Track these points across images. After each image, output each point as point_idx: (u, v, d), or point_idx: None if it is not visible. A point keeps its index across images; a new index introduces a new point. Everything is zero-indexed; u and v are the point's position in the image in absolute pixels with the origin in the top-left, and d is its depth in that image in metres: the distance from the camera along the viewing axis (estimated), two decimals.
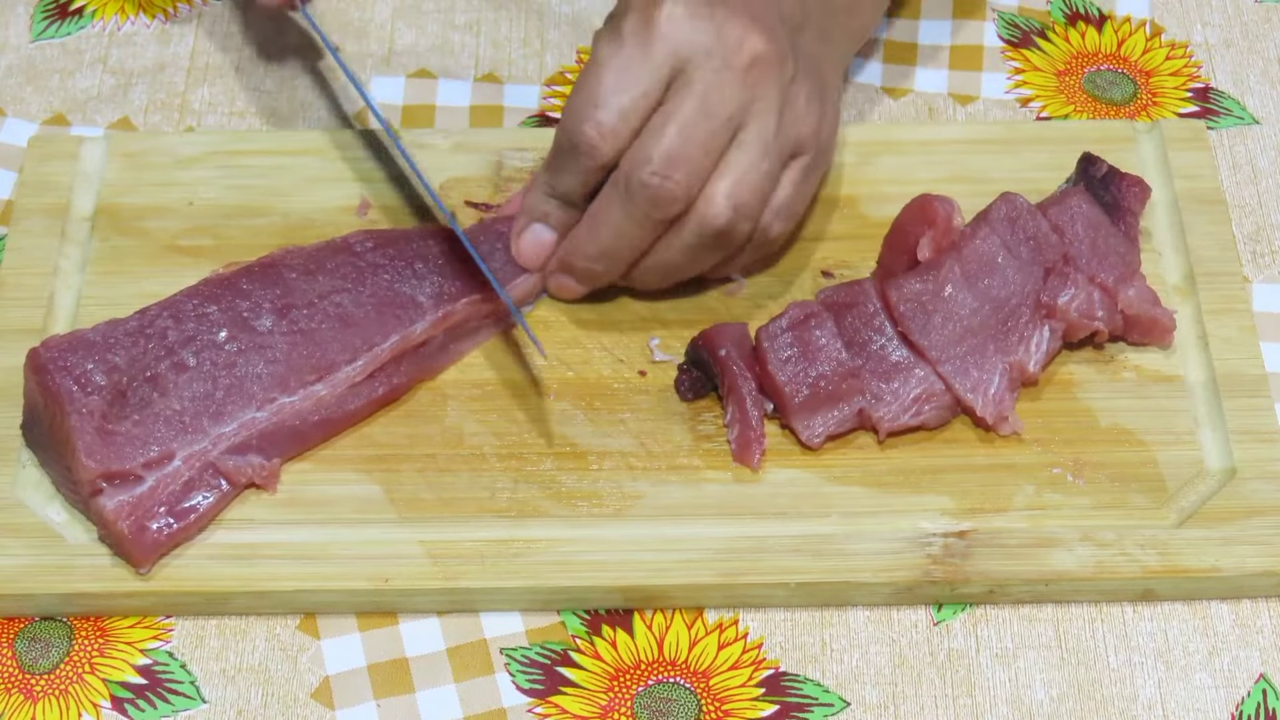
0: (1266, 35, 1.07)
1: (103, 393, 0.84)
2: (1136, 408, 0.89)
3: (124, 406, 0.84)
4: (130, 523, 0.83)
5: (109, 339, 0.86)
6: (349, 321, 0.88)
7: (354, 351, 0.88)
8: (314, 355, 0.87)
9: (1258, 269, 0.96)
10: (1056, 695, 0.82)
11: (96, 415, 0.84)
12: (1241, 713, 0.82)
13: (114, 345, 0.86)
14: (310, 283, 0.89)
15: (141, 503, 0.83)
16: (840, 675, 0.83)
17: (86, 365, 0.84)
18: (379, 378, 0.88)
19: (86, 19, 1.08)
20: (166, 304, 0.88)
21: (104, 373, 0.85)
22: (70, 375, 0.84)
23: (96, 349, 0.85)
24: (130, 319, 0.87)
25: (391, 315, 0.89)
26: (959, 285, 0.88)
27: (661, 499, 0.87)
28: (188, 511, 0.84)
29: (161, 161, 0.99)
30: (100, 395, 0.84)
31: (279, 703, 0.83)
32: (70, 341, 0.85)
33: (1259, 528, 0.85)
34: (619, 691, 0.83)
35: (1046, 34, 1.07)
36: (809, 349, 0.87)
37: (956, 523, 0.85)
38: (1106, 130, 1.00)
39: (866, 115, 1.03)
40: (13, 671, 0.84)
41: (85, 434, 0.83)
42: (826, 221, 0.96)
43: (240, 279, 0.89)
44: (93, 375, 0.84)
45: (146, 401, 0.85)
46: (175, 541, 0.84)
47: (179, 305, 0.88)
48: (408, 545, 0.85)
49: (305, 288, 0.89)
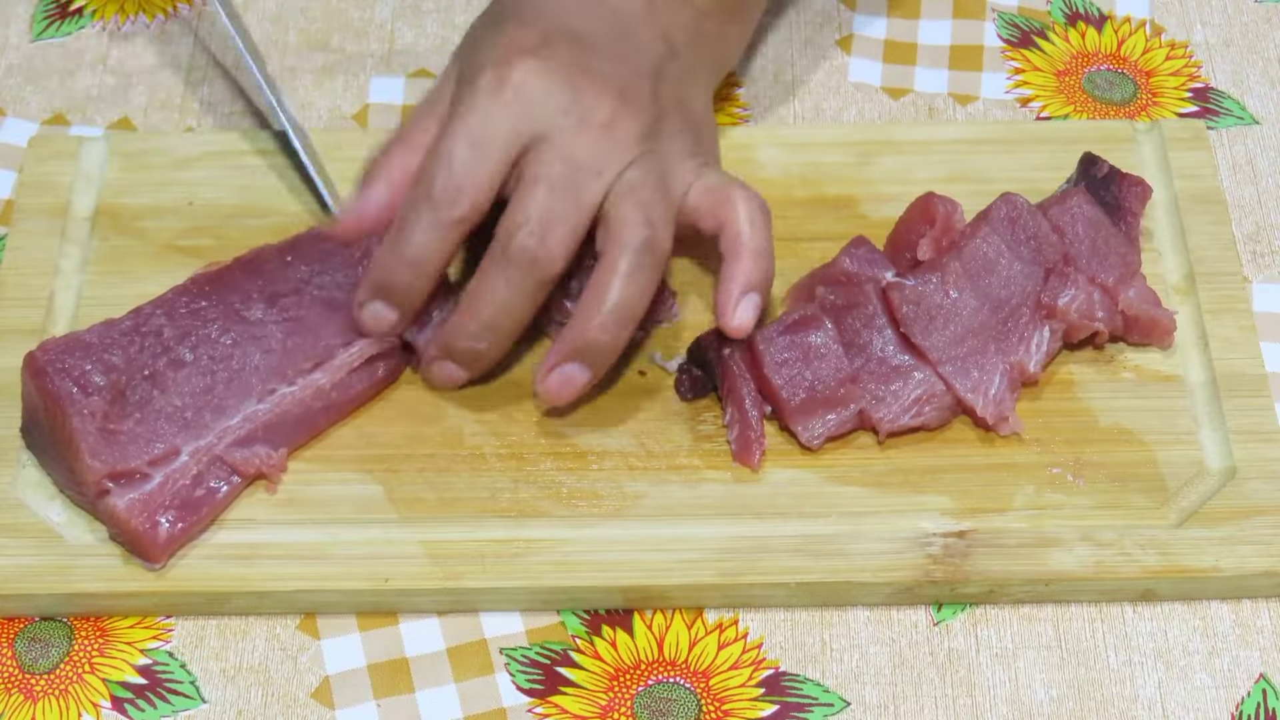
0: (1266, 35, 1.07)
1: (102, 393, 0.84)
2: (1136, 408, 0.89)
3: (125, 405, 0.84)
4: (143, 520, 0.83)
5: (105, 339, 0.86)
6: (336, 305, 0.89)
7: (348, 335, 0.88)
8: (309, 343, 0.88)
9: (1258, 269, 0.96)
10: (1056, 695, 0.82)
11: (98, 416, 0.84)
12: (1241, 713, 0.82)
13: (110, 345, 0.86)
14: (294, 270, 0.89)
15: (152, 499, 0.83)
16: (840, 675, 0.83)
17: (85, 366, 0.84)
18: (377, 361, 0.88)
19: (86, 19, 1.08)
20: (159, 302, 0.88)
21: (102, 373, 0.85)
22: (69, 377, 0.84)
23: (93, 350, 0.85)
24: (124, 319, 0.87)
25: None
26: (960, 286, 0.88)
27: (661, 499, 0.87)
28: (199, 504, 0.84)
29: (161, 161, 0.99)
30: (100, 396, 0.84)
31: (279, 703, 0.83)
32: (67, 344, 0.85)
33: (1259, 527, 0.85)
34: (619, 691, 0.83)
35: (1046, 34, 1.07)
36: (806, 352, 0.87)
37: (956, 523, 0.85)
38: (1106, 130, 1.00)
39: (866, 115, 1.03)
40: (13, 671, 0.84)
41: (88, 435, 0.83)
42: (826, 221, 0.96)
43: (226, 273, 0.89)
44: (91, 376, 0.84)
45: (147, 399, 0.85)
46: (189, 535, 0.84)
47: (172, 302, 0.88)
48: (408, 545, 0.85)
49: (290, 275, 0.89)
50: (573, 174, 0.84)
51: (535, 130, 0.85)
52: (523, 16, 0.87)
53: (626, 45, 0.88)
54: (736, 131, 1.00)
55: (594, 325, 0.84)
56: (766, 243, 0.87)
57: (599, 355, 0.85)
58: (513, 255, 0.84)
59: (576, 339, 0.84)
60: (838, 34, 1.07)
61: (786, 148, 0.99)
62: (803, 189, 0.97)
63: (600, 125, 0.85)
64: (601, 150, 0.85)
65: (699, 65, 0.92)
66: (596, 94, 0.85)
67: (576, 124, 0.84)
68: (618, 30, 0.89)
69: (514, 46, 0.85)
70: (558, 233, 0.84)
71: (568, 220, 0.84)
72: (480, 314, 0.85)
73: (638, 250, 0.84)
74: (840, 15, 1.08)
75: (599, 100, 0.85)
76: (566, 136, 0.84)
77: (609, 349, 0.85)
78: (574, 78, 0.85)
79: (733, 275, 0.86)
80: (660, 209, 0.85)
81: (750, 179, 0.97)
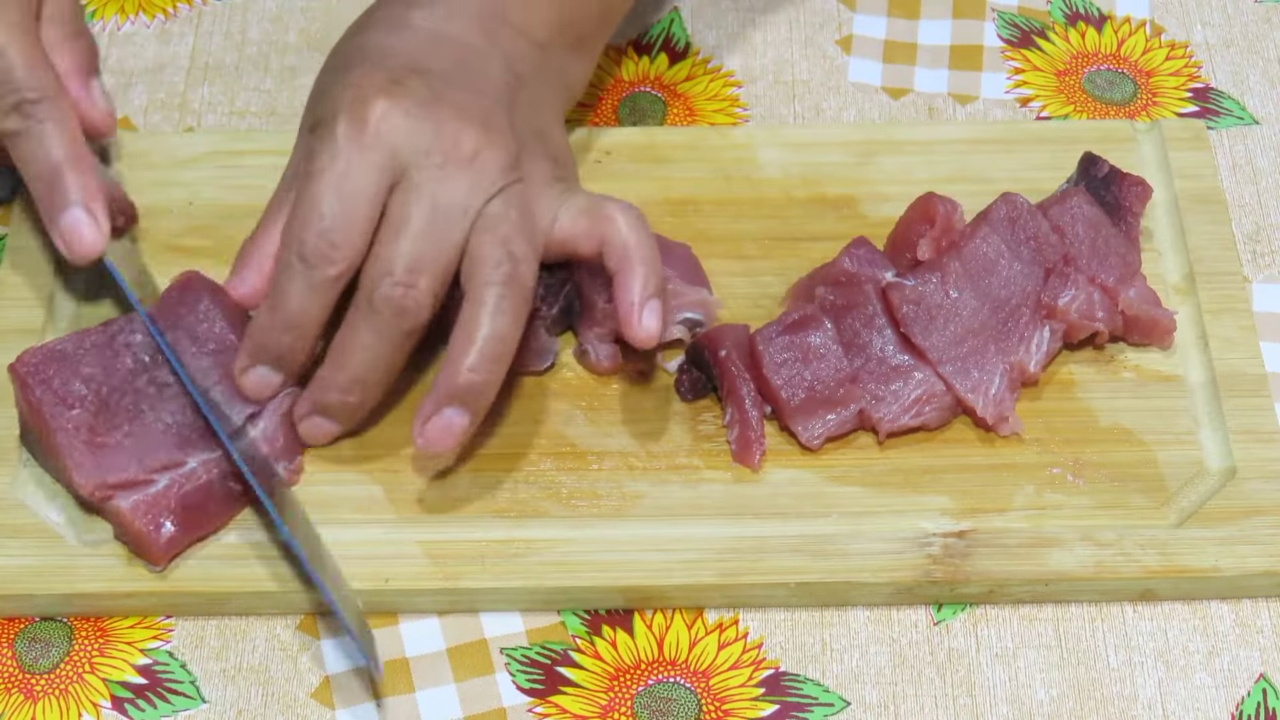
0: (1266, 35, 1.07)
1: (85, 403, 0.84)
2: (1136, 408, 0.89)
3: (112, 417, 0.84)
4: (146, 521, 0.83)
5: (79, 349, 0.85)
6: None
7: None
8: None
9: (1258, 269, 0.96)
10: (1056, 695, 0.82)
11: (84, 429, 0.83)
12: (1241, 713, 0.82)
13: (85, 356, 0.85)
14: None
15: (157, 502, 0.83)
16: (840, 675, 0.83)
17: (64, 376, 0.84)
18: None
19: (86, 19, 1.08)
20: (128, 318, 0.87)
21: (82, 382, 0.84)
22: (49, 389, 0.83)
23: (69, 361, 0.84)
24: (94, 331, 0.86)
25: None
26: (960, 286, 0.88)
27: (661, 499, 0.87)
28: (206, 510, 0.84)
29: (161, 161, 0.99)
30: (84, 407, 0.84)
31: (279, 703, 0.83)
32: (45, 354, 0.85)
33: (1259, 527, 0.85)
34: (619, 691, 0.83)
35: (1046, 34, 1.07)
36: (806, 352, 0.87)
37: (956, 523, 0.85)
38: (1106, 130, 1.00)
39: (866, 115, 1.03)
40: (13, 671, 0.84)
41: (74, 451, 0.83)
42: (826, 221, 0.96)
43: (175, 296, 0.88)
44: (71, 386, 0.84)
45: (135, 413, 0.84)
46: (193, 539, 0.84)
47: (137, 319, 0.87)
48: (408, 545, 0.85)
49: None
50: (437, 217, 0.82)
51: (400, 170, 0.83)
52: (369, 59, 0.86)
53: (477, 77, 0.87)
54: (736, 131, 1.00)
55: (465, 367, 0.82)
56: (651, 249, 0.85)
57: (475, 398, 0.83)
58: (378, 306, 0.82)
59: (450, 383, 0.82)
60: (838, 34, 1.07)
61: (786, 148, 0.99)
62: (803, 189, 0.97)
63: (465, 159, 0.83)
64: (466, 187, 0.83)
65: (547, 94, 0.91)
66: (459, 125, 0.84)
67: (441, 161, 0.83)
68: (465, 64, 0.87)
69: (365, 88, 0.84)
70: (423, 281, 0.82)
71: (433, 266, 0.82)
72: (349, 368, 0.84)
73: (501, 286, 0.82)
74: (840, 15, 1.08)
75: (462, 132, 0.84)
76: (431, 174, 0.83)
77: (483, 390, 0.83)
78: (434, 112, 0.84)
79: (629, 285, 0.84)
80: (523, 243, 0.84)
81: (750, 179, 0.98)
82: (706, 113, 1.04)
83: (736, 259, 0.95)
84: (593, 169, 0.98)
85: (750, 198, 0.97)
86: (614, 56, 1.06)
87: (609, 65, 1.06)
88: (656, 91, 1.05)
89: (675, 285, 0.89)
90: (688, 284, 0.90)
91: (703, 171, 0.98)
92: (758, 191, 0.97)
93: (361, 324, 0.83)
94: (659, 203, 0.97)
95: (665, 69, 1.06)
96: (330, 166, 0.82)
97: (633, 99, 1.04)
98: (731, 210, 0.97)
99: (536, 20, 0.91)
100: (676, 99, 1.04)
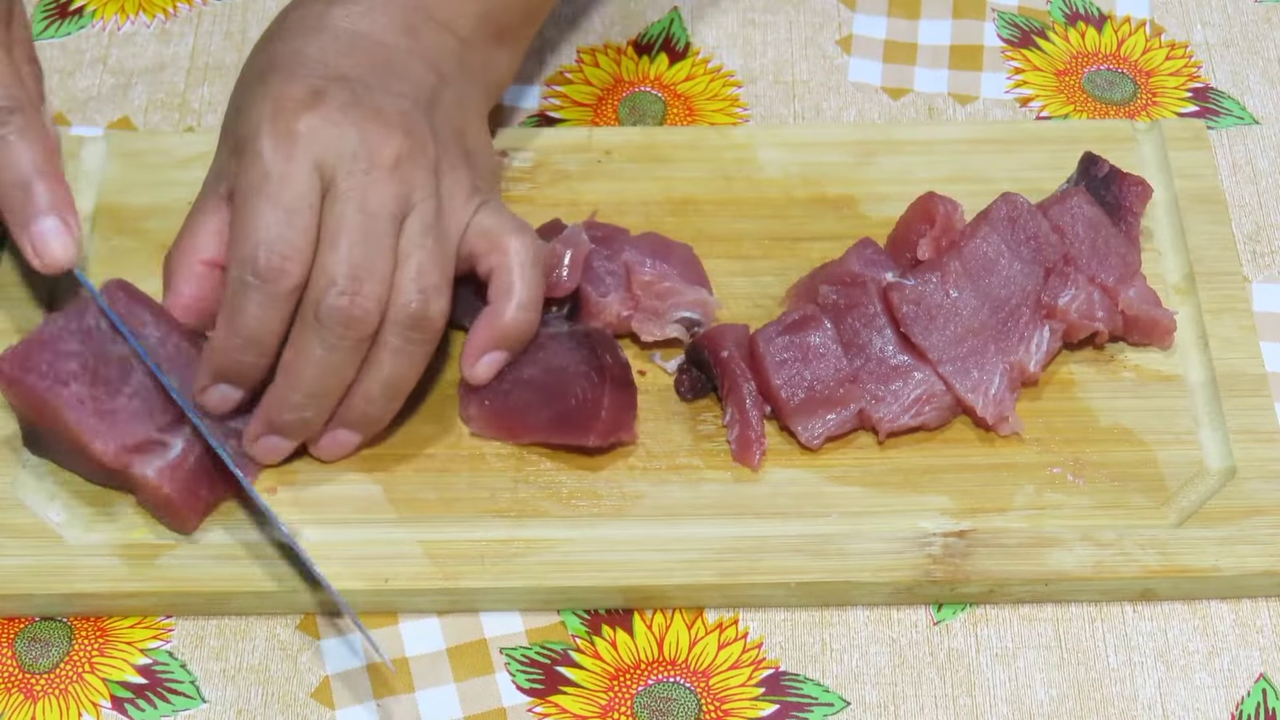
0: (1266, 35, 1.07)
1: (79, 378, 0.84)
2: (1136, 407, 0.89)
3: (109, 384, 0.84)
4: (175, 485, 0.83)
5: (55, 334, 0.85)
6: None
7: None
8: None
9: (1258, 269, 0.96)
10: (1056, 695, 0.82)
11: (88, 401, 0.84)
12: (1241, 713, 0.82)
13: (62, 337, 0.85)
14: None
15: (180, 465, 0.84)
16: (840, 675, 0.83)
17: (51, 359, 0.84)
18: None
19: (86, 19, 1.08)
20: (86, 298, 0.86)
21: (70, 359, 0.84)
22: (42, 374, 0.83)
23: (50, 345, 0.84)
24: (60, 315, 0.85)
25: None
26: (960, 286, 0.88)
27: (661, 499, 0.87)
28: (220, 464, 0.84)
29: (161, 161, 0.99)
30: (79, 381, 0.84)
31: (279, 703, 0.83)
32: (25, 347, 0.84)
33: (1259, 527, 0.85)
34: (619, 691, 0.83)
35: (1046, 34, 1.07)
36: (806, 352, 0.87)
37: (956, 523, 0.85)
38: (1106, 130, 1.00)
39: (866, 115, 1.03)
40: (13, 671, 0.84)
41: (86, 421, 0.83)
42: (826, 221, 0.96)
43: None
44: (62, 365, 0.84)
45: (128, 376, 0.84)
46: (219, 497, 0.85)
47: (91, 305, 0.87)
48: (408, 545, 0.85)
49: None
50: (369, 224, 0.83)
51: (328, 178, 0.83)
52: (287, 68, 0.86)
53: (398, 79, 0.87)
54: (736, 131, 1.00)
55: (361, 398, 0.85)
56: (534, 292, 0.86)
57: (369, 424, 0.86)
58: (325, 318, 0.82)
59: (346, 409, 0.85)
60: (838, 34, 1.07)
61: (786, 148, 0.99)
62: (803, 189, 0.97)
63: (388, 167, 0.83)
64: (390, 194, 0.83)
65: (470, 92, 0.91)
66: (382, 132, 0.84)
67: (367, 167, 0.83)
68: (386, 65, 0.87)
69: (286, 99, 0.84)
70: (367, 288, 0.82)
71: (374, 274, 0.83)
72: (302, 384, 0.84)
73: (407, 330, 0.83)
74: (840, 15, 1.08)
75: (386, 138, 0.84)
76: (359, 181, 0.83)
77: (377, 420, 0.86)
78: (357, 119, 0.84)
79: (488, 328, 0.86)
80: (435, 273, 0.84)
81: (750, 179, 0.98)
82: (706, 113, 1.04)
83: (736, 259, 0.95)
84: (593, 169, 0.98)
85: (750, 198, 0.97)
86: (614, 56, 1.06)
87: (609, 65, 1.06)
88: (656, 91, 1.05)
89: (674, 284, 0.90)
90: (687, 284, 0.90)
91: (703, 171, 0.98)
92: (758, 191, 0.97)
93: (310, 338, 0.83)
94: (659, 202, 0.97)
95: (665, 69, 1.06)
96: (263, 182, 0.83)
97: (633, 99, 1.04)
98: (731, 210, 0.97)
99: (459, 13, 0.91)
100: (676, 99, 1.04)
